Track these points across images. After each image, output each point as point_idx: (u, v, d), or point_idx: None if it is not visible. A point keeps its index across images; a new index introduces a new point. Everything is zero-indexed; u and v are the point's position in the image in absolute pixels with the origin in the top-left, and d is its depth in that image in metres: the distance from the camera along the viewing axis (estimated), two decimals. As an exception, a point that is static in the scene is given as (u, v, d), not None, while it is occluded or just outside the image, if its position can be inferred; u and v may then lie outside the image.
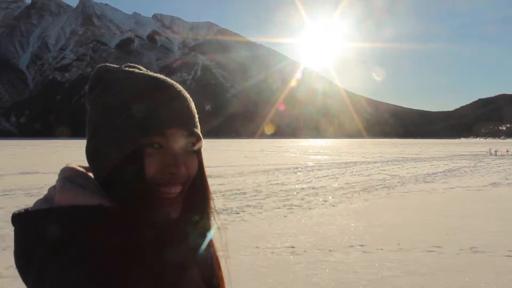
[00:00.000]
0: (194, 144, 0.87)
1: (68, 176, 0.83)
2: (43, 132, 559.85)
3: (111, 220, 0.76)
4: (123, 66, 0.91)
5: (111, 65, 0.91)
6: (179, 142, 0.83)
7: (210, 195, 0.95)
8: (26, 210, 0.79)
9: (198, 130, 0.88)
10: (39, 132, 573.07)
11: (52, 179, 0.86)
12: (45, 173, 21.83)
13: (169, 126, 0.81)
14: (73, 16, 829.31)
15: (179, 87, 0.88)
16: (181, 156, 0.83)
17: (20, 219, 0.78)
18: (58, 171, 0.87)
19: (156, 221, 0.79)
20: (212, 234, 0.96)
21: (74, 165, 0.89)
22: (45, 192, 0.84)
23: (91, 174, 0.86)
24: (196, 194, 0.90)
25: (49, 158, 40.00)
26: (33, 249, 0.74)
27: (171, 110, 0.82)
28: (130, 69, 0.89)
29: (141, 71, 0.89)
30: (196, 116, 0.89)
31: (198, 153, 0.90)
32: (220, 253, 1.00)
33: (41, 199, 0.83)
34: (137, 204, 0.78)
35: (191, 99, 0.89)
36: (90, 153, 0.85)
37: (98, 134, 0.83)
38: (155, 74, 0.89)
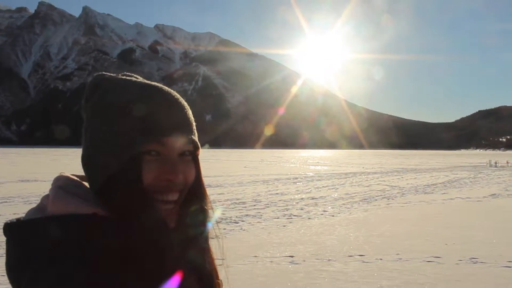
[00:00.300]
0: (191, 152, 0.87)
1: (62, 185, 0.82)
2: (44, 141, 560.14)
3: (107, 228, 0.75)
4: (120, 74, 0.91)
5: (107, 73, 0.90)
6: (177, 149, 0.83)
7: (209, 203, 0.94)
8: (18, 220, 0.78)
9: (196, 138, 0.87)
10: (40, 140, 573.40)
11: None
12: (44, 181, 21.80)
13: (168, 134, 0.81)
14: (75, 26, 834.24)
15: (177, 94, 0.88)
16: (179, 163, 0.82)
17: (11, 229, 0.77)
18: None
19: (154, 229, 0.78)
20: (209, 243, 0.96)
21: (68, 174, 0.87)
22: None
23: (86, 183, 0.85)
24: (194, 202, 0.89)
25: (48, 166, 39.96)
26: (26, 259, 0.72)
27: (169, 118, 0.82)
28: (127, 78, 0.89)
29: (138, 80, 0.90)
30: (194, 124, 0.89)
31: (196, 161, 0.89)
32: (218, 262, 1.00)
33: (34, 208, 0.81)
34: (135, 211, 0.77)
35: (188, 107, 0.89)
36: (87, 161, 0.84)
37: (95, 141, 0.82)
38: (153, 82, 0.88)
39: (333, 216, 12.45)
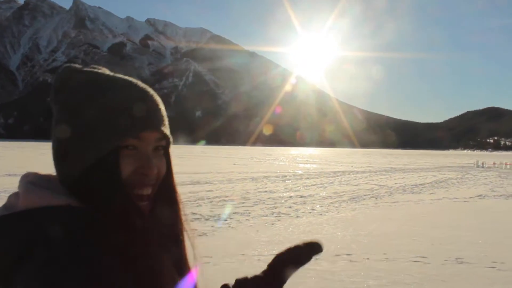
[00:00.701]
0: (164, 147, 0.88)
1: (31, 180, 0.81)
2: (32, 134, 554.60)
3: (82, 219, 0.74)
4: (89, 67, 0.90)
5: (76, 65, 0.89)
6: (152, 144, 0.84)
7: (179, 197, 0.94)
8: None
9: (168, 132, 0.88)
10: (28, 134, 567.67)
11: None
12: (32, 176, 21.58)
13: (145, 128, 0.82)
14: (66, 18, 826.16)
15: (151, 90, 0.89)
16: (153, 158, 0.83)
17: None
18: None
19: (131, 222, 0.77)
20: (183, 236, 0.94)
21: (36, 171, 0.86)
22: None
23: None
24: (165, 195, 0.89)
25: (37, 160, 39.58)
26: None
27: (146, 112, 0.83)
28: (100, 71, 0.88)
29: (111, 74, 0.89)
30: (166, 118, 0.90)
31: (167, 155, 0.90)
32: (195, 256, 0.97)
33: (4, 206, 0.79)
34: (113, 205, 0.77)
35: (161, 101, 0.90)
36: (58, 154, 0.83)
37: (68, 134, 0.81)
38: (128, 77, 0.88)
39: (321, 214, 12.49)
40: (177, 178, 0.95)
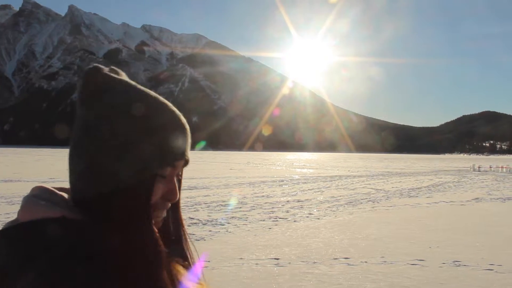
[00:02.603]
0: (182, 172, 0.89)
1: (35, 193, 0.81)
2: (28, 141, 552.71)
3: (77, 231, 0.74)
4: (108, 69, 0.86)
5: (103, 68, 0.84)
6: (179, 170, 0.85)
7: (182, 217, 0.96)
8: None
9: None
10: (24, 140, 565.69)
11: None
12: (28, 181, 21.47)
13: (180, 158, 0.82)
14: (61, 25, 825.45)
15: (181, 115, 0.88)
16: (176, 184, 0.85)
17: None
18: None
19: (150, 244, 0.78)
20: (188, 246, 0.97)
21: (47, 186, 0.84)
22: None
23: (64, 194, 0.82)
24: (173, 216, 0.92)
25: (32, 167, 39.47)
26: None
27: (184, 142, 0.83)
28: (130, 81, 0.86)
29: (140, 87, 0.87)
30: None
31: (180, 180, 0.91)
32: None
33: (12, 220, 0.79)
34: (134, 224, 0.77)
35: None
36: (82, 167, 0.79)
37: (105, 149, 0.77)
38: (163, 100, 0.86)
39: (318, 219, 12.50)
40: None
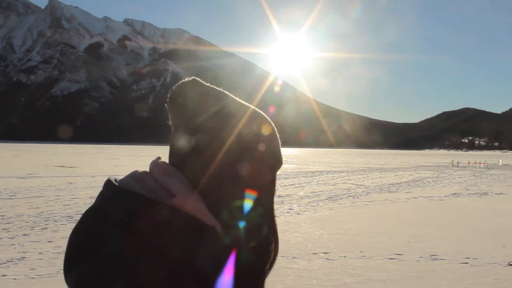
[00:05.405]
0: None
1: (155, 170, 0.85)
2: (5, 135, 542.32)
3: (163, 216, 0.75)
4: (196, 85, 0.99)
5: (201, 81, 1.02)
6: None
7: None
8: (115, 181, 0.82)
9: None
10: (1, 135, 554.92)
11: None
12: (5, 177, 21.07)
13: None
14: (41, 17, 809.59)
15: None
16: None
17: (107, 187, 0.81)
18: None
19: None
20: None
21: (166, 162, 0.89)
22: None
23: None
24: None
25: (10, 162, 38.73)
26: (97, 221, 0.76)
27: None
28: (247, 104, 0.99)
29: (251, 106, 0.99)
30: None
31: None
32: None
33: (136, 177, 0.82)
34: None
35: None
36: (221, 172, 0.87)
37: (210, 161, 0.86)
38: (265, 115, 1.00)
39: (298, 214, 12.54)
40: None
